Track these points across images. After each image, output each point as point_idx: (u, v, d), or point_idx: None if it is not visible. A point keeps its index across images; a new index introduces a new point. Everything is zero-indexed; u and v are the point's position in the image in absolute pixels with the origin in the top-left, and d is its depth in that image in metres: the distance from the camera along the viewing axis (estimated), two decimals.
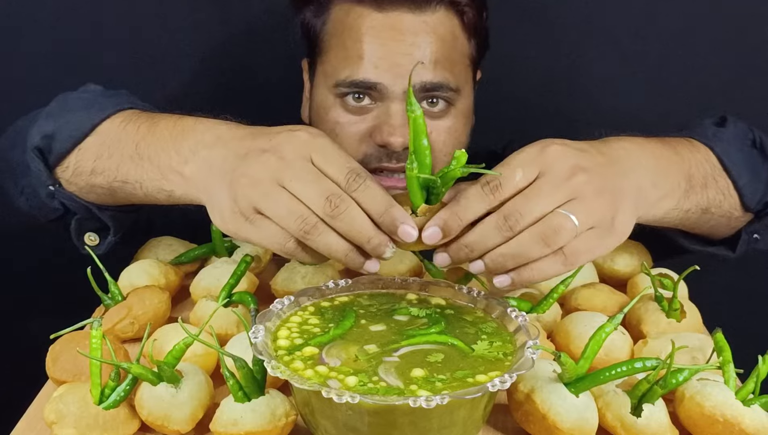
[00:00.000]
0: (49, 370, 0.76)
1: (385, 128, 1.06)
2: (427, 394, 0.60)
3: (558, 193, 0.71)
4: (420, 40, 1.05)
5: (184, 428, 0.69)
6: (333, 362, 0.64)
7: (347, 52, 1.07)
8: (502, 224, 0.70)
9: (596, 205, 0.72)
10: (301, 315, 0.72)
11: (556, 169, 0.72)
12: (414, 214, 0.71)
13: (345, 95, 1.08)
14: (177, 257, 0.97)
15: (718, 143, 0.92)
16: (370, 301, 0.75)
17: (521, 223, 0.70)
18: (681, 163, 0.87)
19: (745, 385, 0.69)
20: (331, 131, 1.11)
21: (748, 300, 1.54)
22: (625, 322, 0.85)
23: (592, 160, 0.75)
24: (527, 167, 0.72)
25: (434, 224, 0.71)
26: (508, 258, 0.71)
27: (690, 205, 0.87)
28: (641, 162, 0.81)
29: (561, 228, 0.70)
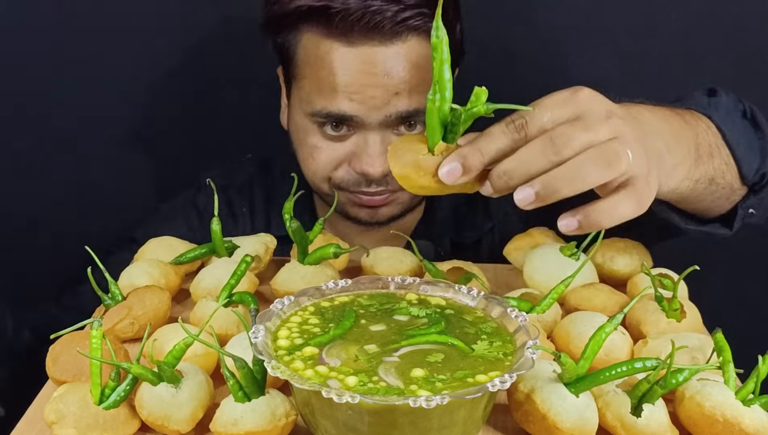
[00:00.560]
0: (49, 370, 0.76)
1: (364, 158, 1.07)
2: (428, 393, 0.60)
3: (602, 128, 0.64)
4: (394, 72, 1.04)
5: (184, 428, 0.69)
6: (333, 362, 0.64)
7: (321, 84, 1.06)
8: (549, 147, 0.62)
9: (637, 150, 0.66)
10: (301, 315, 0.72)
11: (593, 110, 0.66)
12: (431, 153, 0.65)
13: (323, 124, 1.08)
14: (177, 257, 0.97)
15: (715, 112, 0.91)
16: (370, 301, 0.75)
17: (570, 147, 0.62)
18: (689, 130, 0.84)
19: (745, 385, 0.69)
20: (309, 154, 1.12)
21: (748, 300, 1.55)
22: (625, 322, 0.85)
23: (622, 111, 0.69)
24: (558, 109, 0.65)
25: (454, 160, 0.64)
26: (564, 182, 0.62)
27: (699, 174, 0.84)
28: (657, 128, 0.77)
29: (620, 153, 0.62)
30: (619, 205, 0.64)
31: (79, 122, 1.48)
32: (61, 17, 1.42)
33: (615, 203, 0.64)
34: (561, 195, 0.62)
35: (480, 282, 0.90)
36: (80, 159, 1.51)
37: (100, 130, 1.50)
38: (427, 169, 0.64)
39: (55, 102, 1.47)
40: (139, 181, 1.55)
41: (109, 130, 1.50)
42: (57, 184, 1.52)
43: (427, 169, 0.64)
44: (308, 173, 1.14)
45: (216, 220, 0.96)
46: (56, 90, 1.47)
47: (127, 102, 1.49)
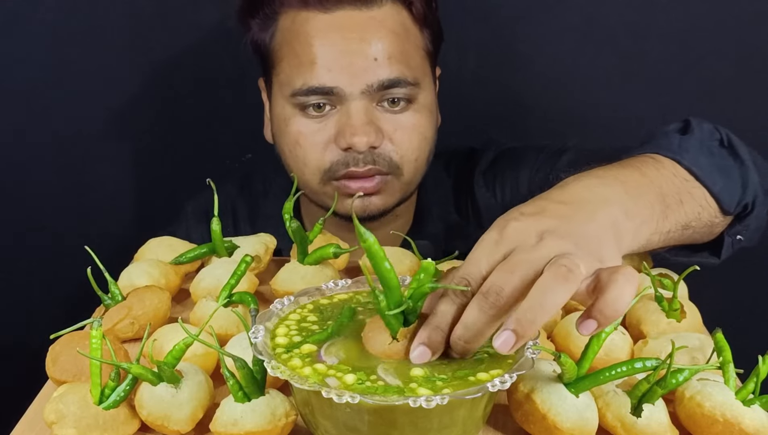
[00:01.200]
0: (49, 370, 0.76)
1: (347, 130, 1.06)
2: (428, 392, 0.60)
3: (533, 256, 0.64)
4: (370, 36, 1.04)
5: (184, 428, 0.69)
6: (331, 360, 0.64)
7: (299, 59, 1.06)
8: (485, 303, 0.63)
9: (584, 253, 0.65)
10: (299, 313, 0.72)
11: (522, 243, 0.66)
12: (395, 340, 0.66)
13: (304, 106, 1.08)
14: (177, 257, 0.97)
15: (685, 154, 0.87)
16: (369, 298, 0.75)
17: (503, 297, 0.63)
18: (650, 185, 0.81)
19: (745, 385, 0.69)
20: (294, 142, 1.11)
21: (748, 300, 1.55)
22: (625, 322, 0.86)
23: (554, 218, 0.68)
24: (492, 255, 0.66)
25: (419, 344, 0.65)
26: (534, 312, 0.61)
27: (669, 225, 0.82)
28: (608, 197, 0.74)
29: (569, 267, 0.61)
30: (616, 296, 0.62)
31: (79, 122, 1.48)
32: (61, 17, 1.42)
33: (614, 294, 0.62)
34: (539, 323, 0.61)
35: None
36: (80, 159, 1.51)
37: (101, 131, 1.50)
38: (398, 354, 0.66)
39: (54, 102, 1.47)
40: (139, 181, 1.55)
41: (110, 131, 1.50)
42: (57, 184, 1.52)
43: (398, 354, 0.66)
44: (297, 166, 1.13)
45: (216, 220, 0.96)
46: (56, 90, 1.47)
47: (128, 102, 1.49)
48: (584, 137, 0.91)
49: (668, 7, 1.40)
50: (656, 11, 1.41)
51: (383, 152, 1.09)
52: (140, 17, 1.43)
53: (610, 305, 0.61)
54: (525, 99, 1.46)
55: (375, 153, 1.09)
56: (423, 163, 1.15)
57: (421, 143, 1.12)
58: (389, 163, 1.10)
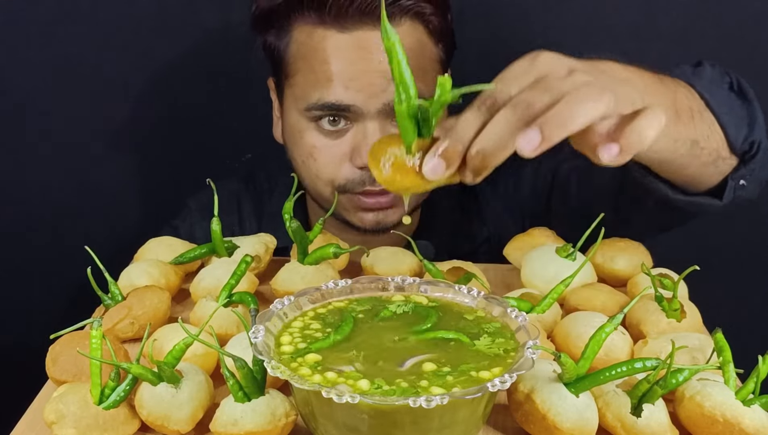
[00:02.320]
0: (49, 370, 0.76)
1: (364, 149, 1.05)
2: (441, 391, 0.60)
3: (564, 84, 0.63)
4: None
5: (184, 428, 0.69)
6: (347, 368, 0.64)
7: (316, 74, 1.05)
8: (512, 116, 0.61)
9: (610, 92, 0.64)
10: (302, 320, 0.72)
11: (553, 72, 0.65)
12: (409, 153, 0.64)
13: (319, 118, 1.07)
14: (177, 257, 0.97)
15: (698, 81, 0.90)
16: (363, 305, 0.75)
17: (532, 110, 0.61)
18: (666, 91, 0.82)
19: (745, 385, 0.69)
20: (308, 155, 1.10)
21: (748, 300, 1.55)
22: (625, 322, 0.85)
23: (586, 66, 0.69)
24: (522, 77, 0.65)
25: (434, 155, 0.63)
26: (562, 118, 0.60)
27: (678, 133, 0.81)
28: (629, 78, 0.76)
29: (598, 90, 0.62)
30: (645, 125, 0.62)
31: (79, 122, 1.48)
32: (61, 17, 1.42)
33: (641, 124, 0.62)
34: (566, 130, 0.61)
35: (480, 282, 0.90)
36: (80, 159, 1.51)
37: (100, 131, 1.50)
38: (410, 169, 0.64)
39: (55, 102, 1.47)
40: (139, 181, 1.55)
41: (109, 131, 1.50)
42: (57, 184, 1.52)
43: (410, 169, 0.64)
44: (310, 177, 1.12)
45: (216, 220, 0.96)
46: (56, 90, 1.47)
47: (127, 102, 1.49)
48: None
49: (668, 7, 1.40)
50: (656, 11, 1.41)
51: None
52: (140, 17, 1.43)
53: (636, 132, 0.61)
54: None
55: None
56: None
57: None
58: None
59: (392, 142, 0.65)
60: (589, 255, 0.88)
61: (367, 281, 0.77)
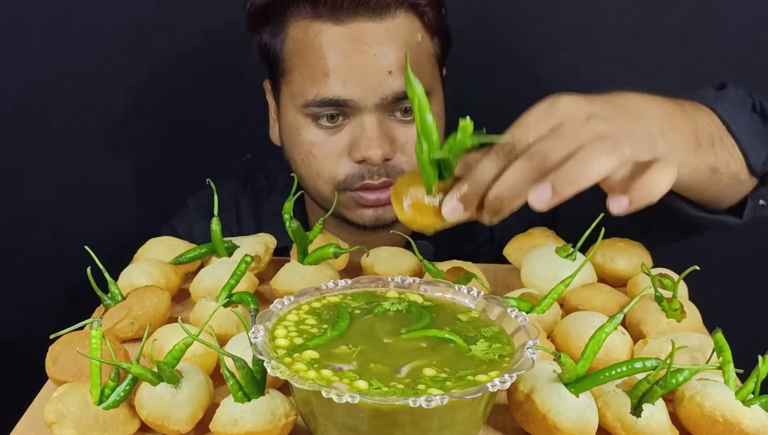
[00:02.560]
0: (49, 370, 0.76)
1: (362, 142, 1.05)
2: (440, 392, 0.60)
3: (580, 133, 0.65)
4: (385, 49, 1.03)
5: (184, 428, 0.69)
6: (345, 367, 0.64)
7: (312, 70, 1.05)
8: (528, 165, 0.64)
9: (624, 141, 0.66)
10: (297, 314, 0.72)
11: (571, 118, 0.67)
12: (429, 194, 0.67)
13: (317, 116, 1.07)
14: (177, 257, 0.97)
15: (720, 105, 0.91)
16: (359, 300, 0.75)
17: (548, 161, 0.63)
18: (687, 119, 0.84)
19: (745, 385, 0.69)
20: (307, 152, 1.10)
21: (748, 300, 1.55)
22: (625, 322, 0.85)
23: (603, 107, 0.71)
24: (540, 124, 0.67)
25: (453, 198, 0.66)
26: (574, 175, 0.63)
27: (698, 162, 0.83)
28: (650, 112, 0.78)
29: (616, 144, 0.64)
30: (655, 179, 0.64)
31: (79, 122, 1.48)
32: (61, 17, 1.42)
33: (651, 178, 0.64)
34: (578, 186, 0.63)
35: (480, 282, 0.90)
36: (80, 159, 1.51)
37: (100, 131, 1.50)
38: (430, 208, 0.66)
39: (54, 102, 1.47)
40: (139, 181, 1.55)
41: (109, 131, 1.50)
42: (57, 184, 1.52)
43: (430, 208, 0.66)
44: (310, 175, 1.12)
45: (216, 220, 0.96)
46: (56, 90, 1.47)
47: (127, 102, 1.49)
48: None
49: (668, 7, 1.40)
50: (656, 11, 1.41)
51: (396, 164, 1.09)
52: (140, 17, 1.43)
53: (646, 186, 0.63)
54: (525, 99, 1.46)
55: (388, 165, 1.08)
56: None
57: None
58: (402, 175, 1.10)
59: (413, 182, 0.67)
60: (589, 255, 0.88)
61: (367, 281, 0.77)
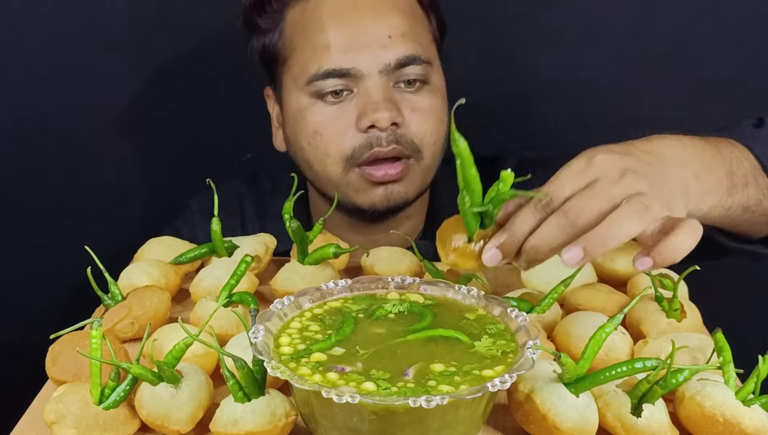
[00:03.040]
0: (49, 370, 0.76)
1: (369, 107, 1.05)
2: (450, 388, 0.60)
3: (614, 191, 0.70)
4: (382, 15, 1.05)
5: (184, 428, 0.69)
6: (350, 369, 0.64)
7: (313, 45, 1.06)
8: (563, 220, 0.69)
9: (656, 198, 0.71)
10: (300, 320, 0.72)
11: (606, 175, 0.71)
12: (471, 241, 0.73)
13: (322, 94, 1.07)
14: (177, 257, 0.97)
15: (757, 144, 0.92)
16: (360, 303, 0.75)
17: (582, 217, 0.68)
18: (723, 161, 0.86)
19: (745, 385, 0.69)
20: (314, 132, 1.09)
21: (748, 300, 1.55)
22: (625, 322, 0.85)
23: (638, 161, 0.74)
24: (576, 180, 0.72)
25: (493, 246, 0.71)
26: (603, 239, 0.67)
27: (731, 203, 0.86)
28: (684, 158, 0.81)
29: (646, 206, 0.68)
30: (679, 242, 0.67)
31: (79, 122, 1.48)
32: (61, 18, 1.42)
33: (676, 241, 0.67)
34: (608, 247, 0.67)
35: (480, 282, 0.90)
36: (80, 159, 1.51)
37: (100, 131, 1.50)
38: (471, 254, 0.73)
39: (54, 102, 1.47)
40: (139, 181, 1.55)
41: (109, 131, 1.50)
42: (57, 184, 1.52)
43: (471, 254, 0.73)
44: (318, 158, 1.10)
45: (216, 220, 0.96)
46: (56, 90, 1.47)
47: (127, 102, 1.49)
48: (585, 136, 0.92)
49: (668, 7, 1.40)
50: (656, 11, 1.41)
51: (405, 133, 1.08)
52: (140, 17, 1.43)
53: (669, 249, 0.67)
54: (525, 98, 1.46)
55: (397, 133, 1.07)
56: (440, 149, 1.13)
57: (438, 126, 1.11)
58: (411, 145, 1.09)
59: (457, 229, 0.74)
60: None
61: (368, 281, 0.77)
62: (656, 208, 0.69)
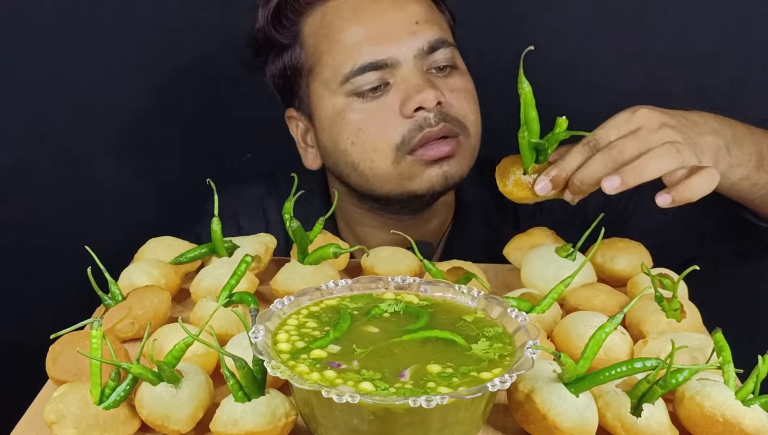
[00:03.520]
0: (49, 370, 0.76)
1: (413, 91, 1.06)
2: (448, 390, 0.60)
3: (652, 137, 0.83)
4: (403, 5, 1.08)
5: (184, 428, 0.69)
6: (350, 365, 0.64)
7: (342, 44, 1.06)
8: (607, 158, 0.82)
9: (689, 148, 0.85)
10: (297, 318, 0.72)
11: (647, 125, 0.84)
12: (526, 173, 0.86)
13: (360, 92, 1.07)
14: (177, 257, 0.97)
15: None
16: (355, 302, 0.75)
17: (623, 156, 0.81)
18: (754, 141, 0.96)
19: (745, 385, 0.69)
20: (357, 130, 1.09)
21: (748, 300, 1.55)
22: (625, 322, 0.85)
23: (675, 120, 0.87)
24: (621, 127, 0.85)
25: (545, 178, 0.84)
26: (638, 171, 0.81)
27: (759, 179, 0.96)
28: (718, 130, 0.92)
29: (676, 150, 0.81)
30: (697, 183, 0.81)
31: (79, 122, 1.48)
32: (62, 17, 1.42)
33: (694, 181, 0.81)
34: (642, 179, 0.81)
35: (480, 282, 0.90)
36: (80, 159, 1.51)
37: (100, 131, 1.50)
38: (525, 185, 0.86)
39: (54, 102, 1.47)
40: (139, 181, 1.55)
41: (109, 131, 1.50)
42: (57, 184, 1.52)
43: (525, 185, 0.86)
44: (364, 155, 1.09)
45: (216, 220, 0.96)
46: (56, 90, 1.47)
47: (127, 102, 1.49)
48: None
49: (668, 7, 1.40)
50: (656, 11, 1.41)
51: (449, 111, 1.09)
52: (141, 17, 1.43)
53: (687, 188, 0.81)
54: None
55: (443, 111, 1.08)
56: (480, 128, 1.14)
57: (475, 106, 1.13)
58: (457, 123, 1.10)
59: (515, 164, 0.87)
60: (589, 255, 0.88)
61: (367, 281, 0.77)
62: (687, 154, 0.82)
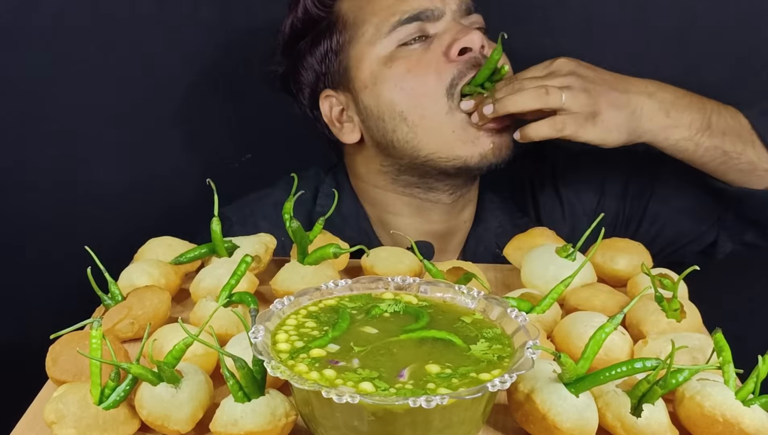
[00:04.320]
0: (49, 370, 0.76)
1: (459, 35, 1.11)
2: (448, 391, 0.60)
3: (555, 80, 1.01)
4: None
5: (184, 428, 0.69)
6: (350, 364, 0.64)
7: (385, 2, 1.12)
8: (508, 89, 1.03)
9: (580, 96, 1.01)
10: (296, 318, 0.71)
11: (559, 70, 1.03)
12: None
13: (406, 42, 1.11)
14: (177, 257, 0.97)
15: (750, 111, 1.08)
16: (354, 302, 0.75)
17: (521, 90, 1.02)
18: (702, 108, 1.04)
19: (745, 385, 0.69)
20: (405, 73, 1.11)
21: (748, 300, 1.55)
22: (625, 322, 0.85)
23: (592, 72, 1.03)
24: (538, 70, 1.06)
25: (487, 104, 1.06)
26: (509, 102, 1.03)
27: (703, 142, 1.04)
28: (656, 95, 1.02)
29: (555, 94, 1.00)
30: (540, 127, 1.03)
31: (79, 122, 1.48)
32: (61, 18, 1.42)
33: (538, 125, 1.03)
34: (504, 111, 1.05)
35: (480, 282, 0.90)
36: (79, 159, 1.51)
37: (99, 131, 1.50)
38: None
39: (54, 102, 1.47)
40: (139, 181, 1.55)
41: (108, 131, 1.50)
42: (57, 184, 1.52)
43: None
44: (418, 99, 1.10)
45: (216, 220, 0.96)
46: (56, 90, 1.47)
47: (126, 102, 1.49)
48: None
49: (668, 6, 1.40)
50: (656, 11, 1.41)
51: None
52: (140, 17, 1.43)
53: (531, 128, 1.06)
54: None
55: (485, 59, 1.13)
56: None
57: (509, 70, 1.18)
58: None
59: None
60: (589, 255, 0.88)
61: (367, 281, 0.77)
62: (561, 97, 1.01)
